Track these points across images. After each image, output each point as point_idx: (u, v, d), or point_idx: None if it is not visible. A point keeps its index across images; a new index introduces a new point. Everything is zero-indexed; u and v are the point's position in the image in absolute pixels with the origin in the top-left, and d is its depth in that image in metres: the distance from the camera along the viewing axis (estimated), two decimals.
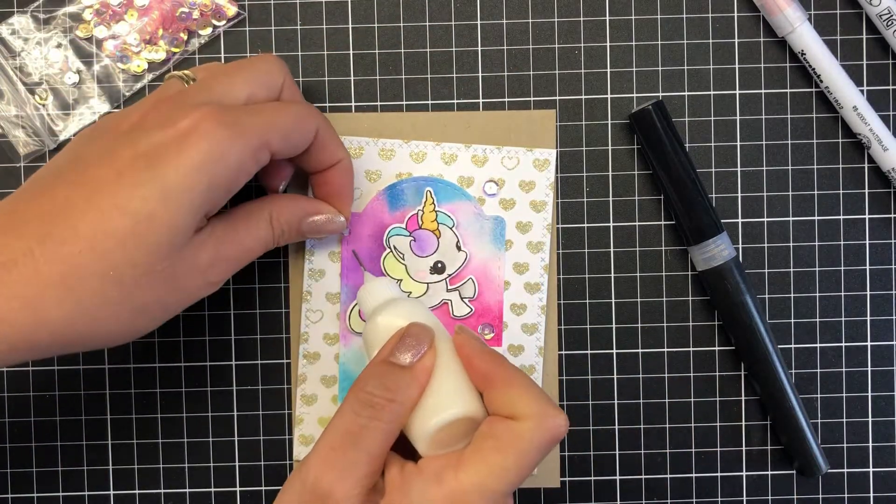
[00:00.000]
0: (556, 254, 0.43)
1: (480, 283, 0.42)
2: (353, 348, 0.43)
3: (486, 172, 0.42)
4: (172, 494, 0.43)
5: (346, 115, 0.43)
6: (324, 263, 0.42)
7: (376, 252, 0.42)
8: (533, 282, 0.42)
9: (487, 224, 0.42)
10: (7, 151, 0.43)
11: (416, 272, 0.42)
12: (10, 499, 0.43)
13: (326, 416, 0.43)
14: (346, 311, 0.42)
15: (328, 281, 0.42)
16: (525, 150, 0.42)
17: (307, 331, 0.43)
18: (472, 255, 0.42)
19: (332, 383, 0.43)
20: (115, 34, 0.42)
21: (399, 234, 0.42)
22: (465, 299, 0.42)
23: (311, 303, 0.43)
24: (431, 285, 0.42)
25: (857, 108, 0.41)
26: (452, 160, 0.42)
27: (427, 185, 0.42)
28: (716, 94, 0.43)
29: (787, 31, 0.42)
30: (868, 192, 0.43)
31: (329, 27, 0.43)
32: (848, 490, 0.44)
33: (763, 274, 0.43)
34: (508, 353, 0.42)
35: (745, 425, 0.43)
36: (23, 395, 0.43)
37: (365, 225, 0.42)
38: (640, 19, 0.43)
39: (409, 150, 0.42)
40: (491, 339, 0.42)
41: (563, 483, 0.43)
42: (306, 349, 0.43)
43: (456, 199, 0.42)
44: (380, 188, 0.42)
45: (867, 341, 0.43)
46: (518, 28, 0.43)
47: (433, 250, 0.42)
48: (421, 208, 0.42)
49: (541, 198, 0.42)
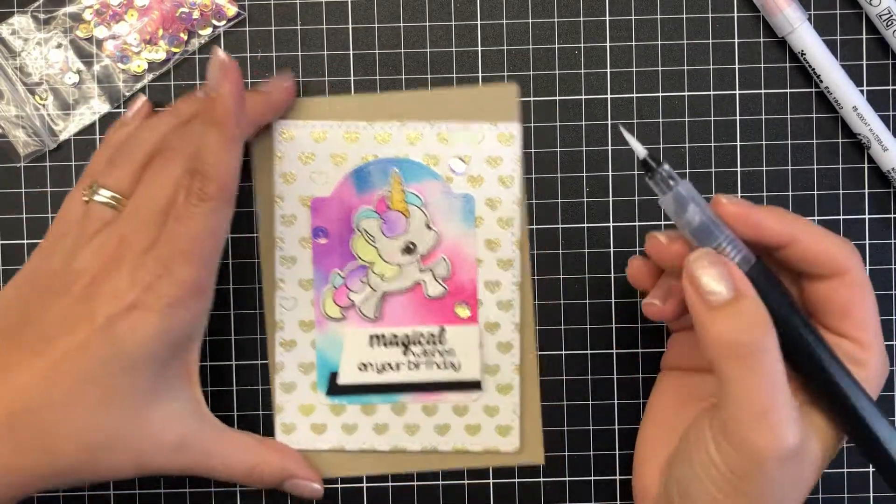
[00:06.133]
0: (527, 229, 0.43)
1: (453, 261, 0.42)
2: (328, 334, 0.43)
3: (452, 150, 0.42)
4: (172, 494, 0.43)
5: (309, 100, 0.42)
6: (295, 250, 0.42)
7: (346, 236, 0.42)
8: (505, 258, 0.42)
9: (456, 202, 0.42)
10: (7, 151, 0.43)
11: (388, 254, 0.42)
12: None
13: (306, 403, 0.43)
14: (319, 297, 0.42)
15: (300, 267, 0.42)
16: (490, 126, 0.42)
17: (282, 318, 0.43)
18: (442, 234, 0.42)
19: (311, 370, 0.43)
20: (115, 34, 0.42)
21: (368, 217, 0.42)
22: (438, 279, 0.42)
23: (284, 290, 0.43)
24: (404, 266, 0.42)
25: (857, 109, 0.41)
26: (418, 139, 0.42)
27: (393, 165, 0.42)
28: (716, 94, 0.43)
29: (787, 32, 0.42)
30: (868, 192, 0.43)
31: (329, 27, 0.43)
32: (848, 490, 0.44)
33: None
34: (486, 330, 0.42)
35: None
36: None
37: (333, 209, 0.42)
38: (640, 19, 0.43)
39: (374, 131, 0.42)
40: (468, 317, 0.42)
41: (547, 459, 0.43)
42: (282, 337, 0.43)
43: (423, 178, 0.42)
44: (346, 171, 0.42)
45: None
46: (518, 28, 0.43)
47: (403, 231, 0.42)
48: (388, 189, 0.42)
49: (508, 173, 0.42)
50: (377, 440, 0.43)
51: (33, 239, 0.43)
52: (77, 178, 0.43)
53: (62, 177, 0.43)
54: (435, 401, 0.43)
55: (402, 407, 0.43)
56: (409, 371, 0.42)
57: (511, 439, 0.43)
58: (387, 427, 0.43)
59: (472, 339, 0.42)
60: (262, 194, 0.43)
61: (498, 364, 0.43)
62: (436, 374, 0.42)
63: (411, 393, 0.43)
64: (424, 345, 0.42)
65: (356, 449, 0.43)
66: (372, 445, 0.43)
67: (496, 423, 0.43)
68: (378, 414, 0.43)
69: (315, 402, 0.43)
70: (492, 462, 0.43)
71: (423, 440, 0.43)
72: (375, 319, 0.42)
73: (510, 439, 0.43)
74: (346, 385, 0.42)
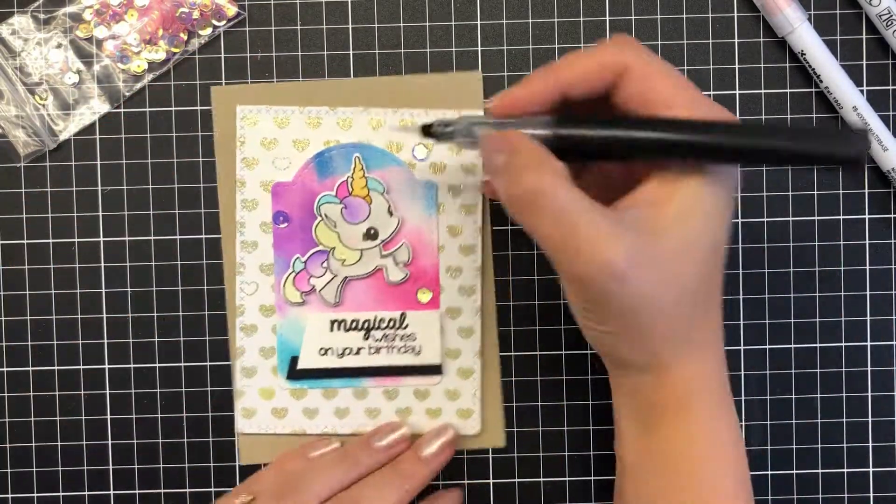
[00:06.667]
0: (489, 216, 0.43)
1: (415, 247, 0.42)
2: (290, 318, 0.43)
3: (415, 136, 0.42)
4: (172, 494, 0.43)
5: (271, 86, 0.43)
6: (255, 235, 0.42)
7: (307, 221, 0.42)
8: (467, 244, 0.42)
9: (419, 188, 0.42)
10: (7, 151, 0.43)
11: (349, 239, 0.42)
12: (10, 499, 0.43)
13: (267, 387, 0.43)
14: (280, 282, 0.42)
15: (261, 252, 0.42)
16: (454, 113, 0.42)
17: (243, 303, 0.43)
18: (404, 220, 0.42)
19: (271, 354, 0.43)
20: (115, 34, 0.42)
21: (329, 202, 0.42)
22: (399, 264, 0.42)
23: (244, 275, 0.43)
24: (365, 252, 0.42)
25: (857, 109, 0.41)
26: (380, 125, 0.42)
27: (355, 151, 0.42)
28: (716, 94, 0.43)
29: (787, 31, 0.42)
30: (868, 193, 0.43)
31: (329, 27, 0.43)
32: (848, 490, 0.44)
33: (763, 274, 0.43)
34: (447, 315, 0.42)
35: (744, 425, 0.43)
36: (23, 396, 0.43)
37: (295, 194, 0.42)
38: (640, 19, 0.43)
39: (336, 117, 0.42)
40: (429, 301, 0.42)
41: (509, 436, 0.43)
42: (243, 322, 0.43)
43: (386, 164, 0.42)
44: (308, 157, 0.42)
45: (867, 341, 0.43)
46: (518, 28, 0.43)
47: (365, 217, 0.42)
48: (350, 175, 0.42)
49: (470, 160, 0.42)
50: (338, 424, 0.43)
51: (33, 239, 0.43)
52: (77, 178, 0.43)
53: (62, 177, 0.43)
54: (396, 385, 0.43)
55: (363, 391, 0.43)
56: (369, 356, 0.42)
57: (472, 422, 0.43)
58: (348, 411, 0.43)
59: (433, 323, 0.42)
60: (224, 179, 0.43)
61: (459, 348, 0.43)
62: (396, 358, 0.42)
63: (372, 377, 0.43)
64: (385, 329, 0.42)
65: (317, 433, 0.43)
66: (333, 429, 0.43)
67: (457, 406, 0.43)
68: (339, 398, 0.43)
69: (276, 386, 0.43)
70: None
71: None
72: (336, 304, 0.42)
73: (471, 423, 0.43)
74: (307, 369, 0.43)
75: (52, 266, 0.43)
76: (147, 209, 0.43)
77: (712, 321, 0.34)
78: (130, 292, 0.43)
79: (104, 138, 0.43)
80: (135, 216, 0.43)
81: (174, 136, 0.43)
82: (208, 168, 0.43)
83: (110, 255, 0.43)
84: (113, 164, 0.43)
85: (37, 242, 0.43)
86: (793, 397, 0.43)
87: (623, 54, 0.33)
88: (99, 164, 0.43)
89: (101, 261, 0.43)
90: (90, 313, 0.43)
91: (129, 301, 0.43)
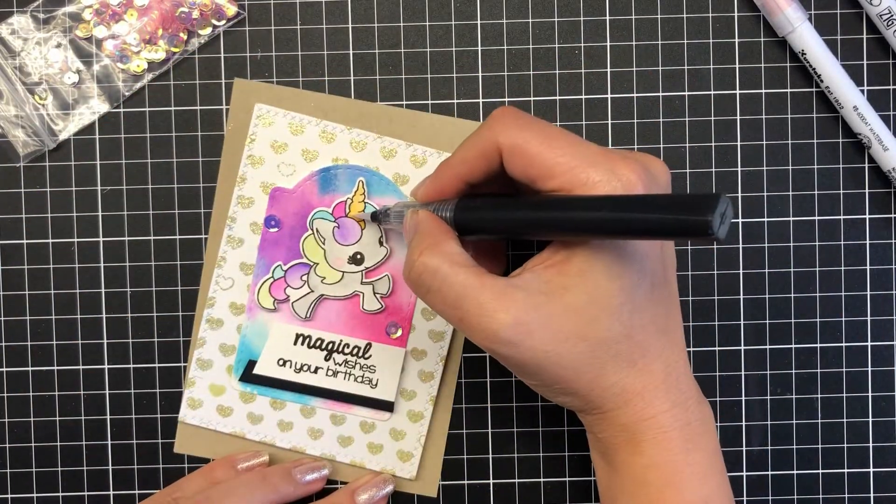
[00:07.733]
0: None
1: (396, 281, 0.42)
2: (257, 322, 0.42)
3: (424, 174, 0.41)
4: None
5: (294, 91, 0.43)
6: (244, 233, 0.42)
7: (298, 232, 0.42)
8: None
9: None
10: (7, 151, 0.43)
11: (334, 259, 0.42)
12: (10, 499, 0.43)
13: (218, 384, 0.43)
14: (256, 284, 0.42)
15: (245, 250, 0.42)
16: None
17: (214, 296, 0.43)
18: (393, 253, 0.42)
19: (230, 353, 0.43)
20: (114, 34, 0.42)
21: (324, 218, 0.42)
22: (377, 294, 0.42)
23: (223, 269, 0.43)
24: (347, 275, 0.42)
25: (857, 108, 0.41)
26: (391, 155, 0.42)
27: (361, 174, 0.42)
28: (716, 94, 0.43)
29: (787, 31, 0.42)
30: (868, 192, 0.43)
31: (329, 27, 0.43)
32: (848, 490, 0.44)
33: (763, 274, 0.43)
34: (411, 356, 0.42)
35: (745, 425, 0.43)
36: (23, 396, 0.43)
37: (292, 202, 0.42)
38: (640, 19, 0.43)
39: (351, 137, 0.42)
40: (397, 338, 0.42)
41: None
42: (210, 314, 0.43)
43: (388, 194, 0.42)
44: (314, 169, 0.42)
45: (867, 341, 0.43)
46: (518, 28, 0.43)
47: (355, 240, 0.42)
48: (351, 197, 0.42)
49: None
50: (279, 436, 0.43)
51: (33, 239, 0.43)
52: (76, 178, 0.43)
53: (62, 177, 0.43)
54: (344, 412, 0.43)
55: (311, 410, 0.43)
56: (326, 377, 0.42)
57: (410, 466, 0.43)
58: (291, 426, 0.43)
59: (397, 360, 0.42)
60: (226, 172, 0.43)
61: (415, 391, 0.43)
62: (352, 386, 0.42)
63: (324, 399, 0.43)
64: (348, 355, 0.42)
65: (256, 440, 0.43)
66: (273, 440, 0.43)
67: (399, 447, 0.43)
68: (286, 411, 0.43)
69: (227, 384, 0.43)
70: None
71: (323, 447, 0.43)
72: (306, 319, 0.42)
73: (409, 466, 0.43)
74: (262, 376, 0.43)
75: (51, 266, 0.43)
76: (146, 209, 0.43)
77: (656, 362, 0.34)
78: (130, 292, 0.43)
79: (104, 138, 0.43)
80: (134, 216, 0.43)
81: (174, 136, 0.43)
82: (208, 168, 0.43)
83: (110, 255, 0.43)
84: (112, 164, 0.43)
85: (36, 242, 0.43)
86: (793, 397, 0.43)
87: (494, 136, 0.34)
88: (98, 164, 0.43)
89: (100, 261, 0.43)
90: (90, 313, 0.43)
91: (129, 301, 0.43)
